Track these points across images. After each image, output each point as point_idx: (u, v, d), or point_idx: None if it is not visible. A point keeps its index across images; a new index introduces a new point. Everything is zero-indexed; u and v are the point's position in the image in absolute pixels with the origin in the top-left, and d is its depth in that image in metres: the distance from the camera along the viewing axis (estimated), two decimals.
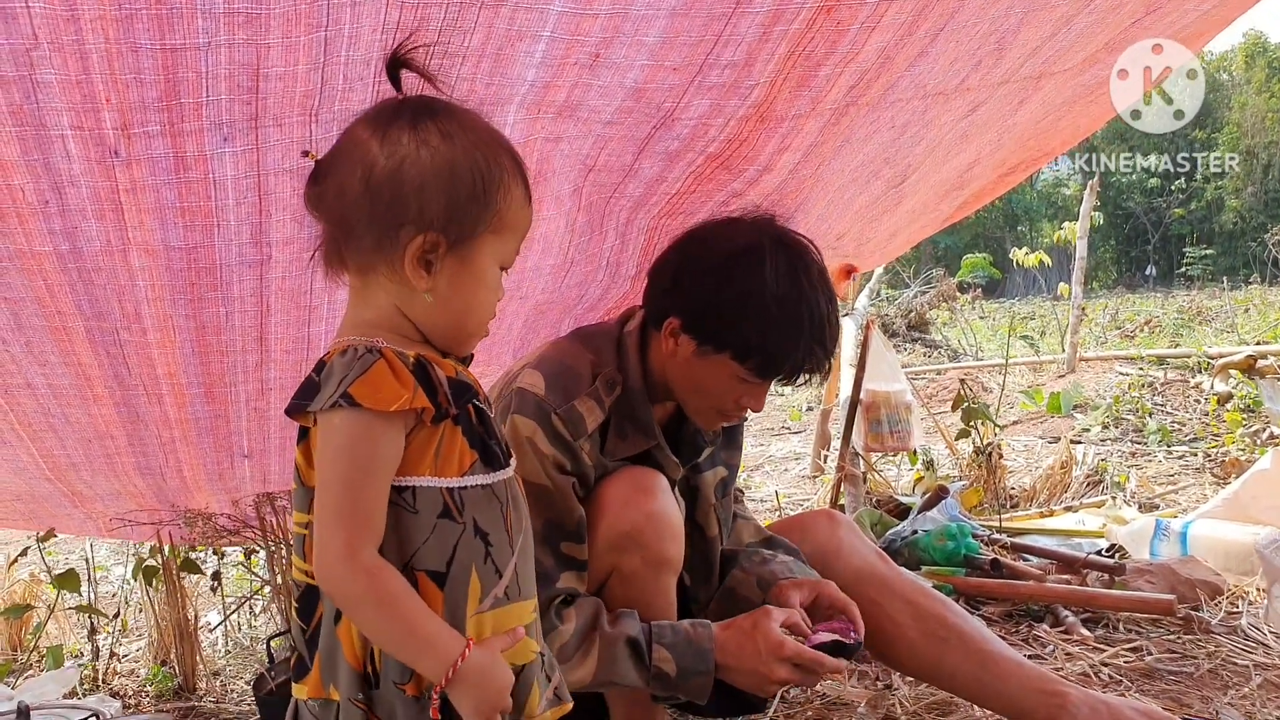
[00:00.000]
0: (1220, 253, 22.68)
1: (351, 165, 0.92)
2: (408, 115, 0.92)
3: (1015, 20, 1.59)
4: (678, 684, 1.42)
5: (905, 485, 3.69)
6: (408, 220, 0.91)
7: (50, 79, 1.12)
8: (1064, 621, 2.19)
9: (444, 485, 0.93)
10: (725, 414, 1.54)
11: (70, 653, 2.55)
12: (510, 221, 0.96)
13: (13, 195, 1.26)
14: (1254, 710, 1.70)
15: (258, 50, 1.15)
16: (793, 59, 1.46)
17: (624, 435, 1.51)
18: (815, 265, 1.46)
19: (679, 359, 1.48)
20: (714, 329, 1.44)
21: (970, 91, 1.80)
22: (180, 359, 1.67)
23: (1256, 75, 24.70)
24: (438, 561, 0.92)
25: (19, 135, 1.18)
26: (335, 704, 0.93)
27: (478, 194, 0.92)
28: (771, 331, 1.41)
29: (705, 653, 1.42)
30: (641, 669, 1.40)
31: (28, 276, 1.42)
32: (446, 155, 0.91)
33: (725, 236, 1.47)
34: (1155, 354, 6.13)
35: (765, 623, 1.42)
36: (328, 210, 0.94)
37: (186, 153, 1.27)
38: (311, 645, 0.96)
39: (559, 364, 1.50)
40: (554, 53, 1.33)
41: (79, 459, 1.91)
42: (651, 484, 1.47)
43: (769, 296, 1.40)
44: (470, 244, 0.94)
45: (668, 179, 1.73)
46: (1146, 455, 4.13)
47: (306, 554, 0.95)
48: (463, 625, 0.93)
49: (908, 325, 9.72)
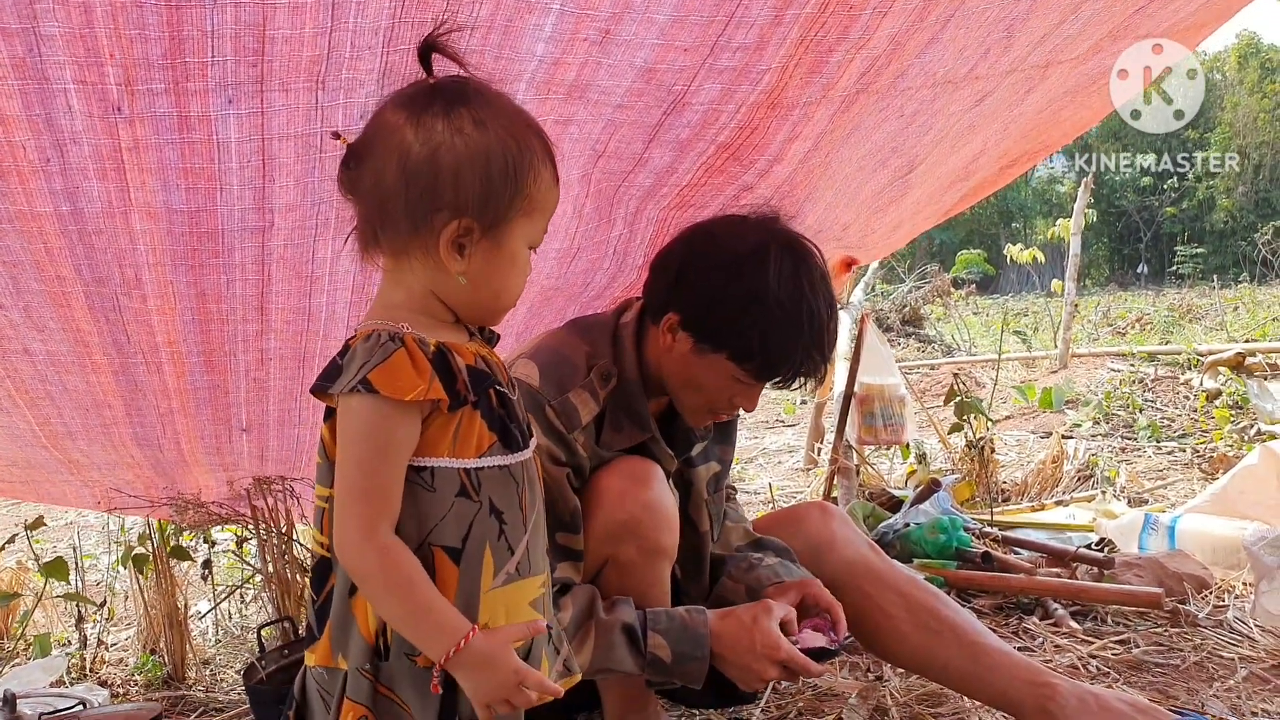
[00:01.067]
0: (1211, 252, 22.76)
1: (387, 151, 0.93)
2: (441, 102, 0.94)
3: (1025, 6, 1.58)
4: (673, 669, 1.42)
5: (898, 478, 3.70)
6: (442, 206, 0.93)
7: (54, 32, 1.10)
8: (1053, 614, 2.20)
9: (461, 466, 0.95)
10: (717, 412, 1.54)
11: (58, 641, 2.54)
12: (540, 203, 0.98)
13: (14, 153, 1.24)
14: (1239, 703, 1.72)
15: (264, 11, 1.13)
16: (804, 44, 1.44)
17: (619, 428, 1.51)
18: (819, 270, 1.46)
19: (675, 354, 1.48)
20: (714, 328, 1.43)
21: (979, 80, 1.79)
22: (180, 326, 1.64)
23: (1249, 76, 24.77)
24: (454, 538, 0.94)
25: (21, 89, 1.16)
26: (342, 672, 0.95)
27: (510, 179, 0.95)
28: (772, 335, 1.41)
29: (701, 638, 1.42)
30: (637, 655, 1.41)
31: (27, 239, 1.39)
32: (480, 142, 0.93)
33: (731, 235, 1.47)
34: (1146, 351, 6.16)
35: (765, 620, 1.42)
36: (363, 195, 0.96)
37: (190, 113, 1.25)
38: (321, 615, 0.98)
39: (554, 355, 1.50)
40: (564, 26, 1.31)
41: (76, 427, 1.90)
42: (647, 474, 1.47)
43: (771, 300, 1.40)
44: (502, 227, 0.96)
45: (678, 170, 1.72)
46: (1136, 451, 4.15)
47: (324, 526, 0.97)
48: (478, 601, 0.95)
49: (902, 320, 9.74)
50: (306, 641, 1.00)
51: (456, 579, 0.94)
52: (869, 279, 5.44)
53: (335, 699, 0.95)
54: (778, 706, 1.81)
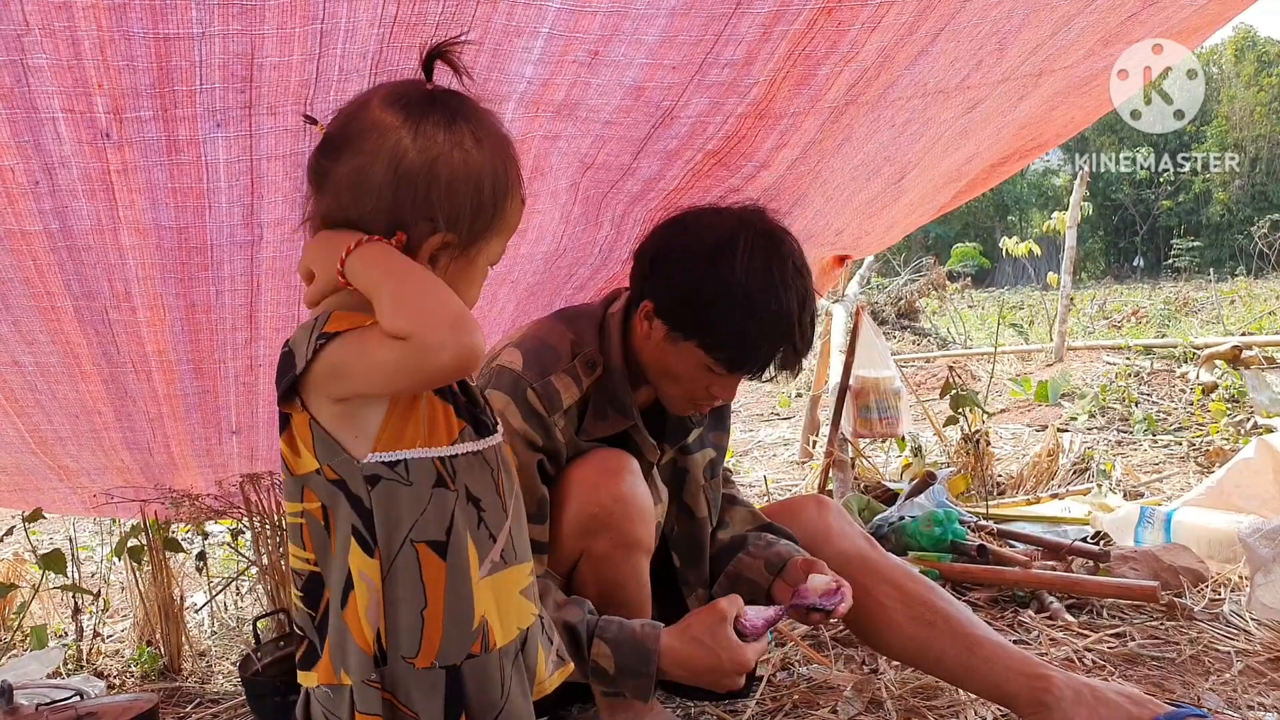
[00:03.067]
0: (1207, 245, 22.81)
1: (376, 149, 0.91)
2: (442, 112, 0.92)
3: (1017, 21, 1.59)
4: (616, 680, 1.39)
5: (893, 471, 3.70)
6: (430, 216, 0.92)
7: (42, 63, 1.13)
8: (1049, 607, 2.20)
9: (435, 454, 0.93)
10: (697, 402, 1.53)
11: (54, 633, 2.54)
12: (509, 226, 0.99)
13: (2, 176, 1.27)
14: (1235, 696, 1.72)
15: (252, 40, 1.16)
16: (792, 58, 1.46)
17: (603, 416, 1.50)
18: (792, 262, 1.43)
19: (652, 342, 1.48)
20: (683, 316, 1.43)
21: (971, 90, 1.80)
22: (170, 336, 1.67)
23: (1245, 69, 24.77)
24: (438, 531, 0.93)
25: (9, 117, 1.19)
26: (347, 688, 0.92)
27: (494, 202, 0.95)
28: (738, 326, 1.40)
29: (647, 654, 1.38)
30: (578, 660, 1.37)
31: (16, 257, 1.42)
32: (477, 162, 0.93)
33: (707, 225, 1.46)
34: (1142, 344, 6.16)
35: (723, 632, 1.37)
36: (336, 187, 0.93)
37: (179, 136, 1.27)
38: (320, 632, 0.95)
39: (538, 341, 1.50)
40: (552, 49, 1.33)
41: (66, 433, 1.91)
42: (619, 465, 1.46)
43: (739, 290, 1.38)
44: (477, 245, 0.96)
45: (666, 176, 1.73)
46: (1132, 444, 4.16)
47: (305, 542, 0.94)
48: (470, 593, 0.93)
49: (897, 313, 9.74)
50: (306, 660, 0.96)
51: (445, 573, 0.92)
52: (864, 272, 5.44)
53: (347, 716, 0.93)
54: (772, 699, 1.82)
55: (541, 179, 1.62)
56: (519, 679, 0.98)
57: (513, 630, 0.98)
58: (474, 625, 0.94)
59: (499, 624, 0.96)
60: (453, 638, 0.93)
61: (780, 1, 1.34)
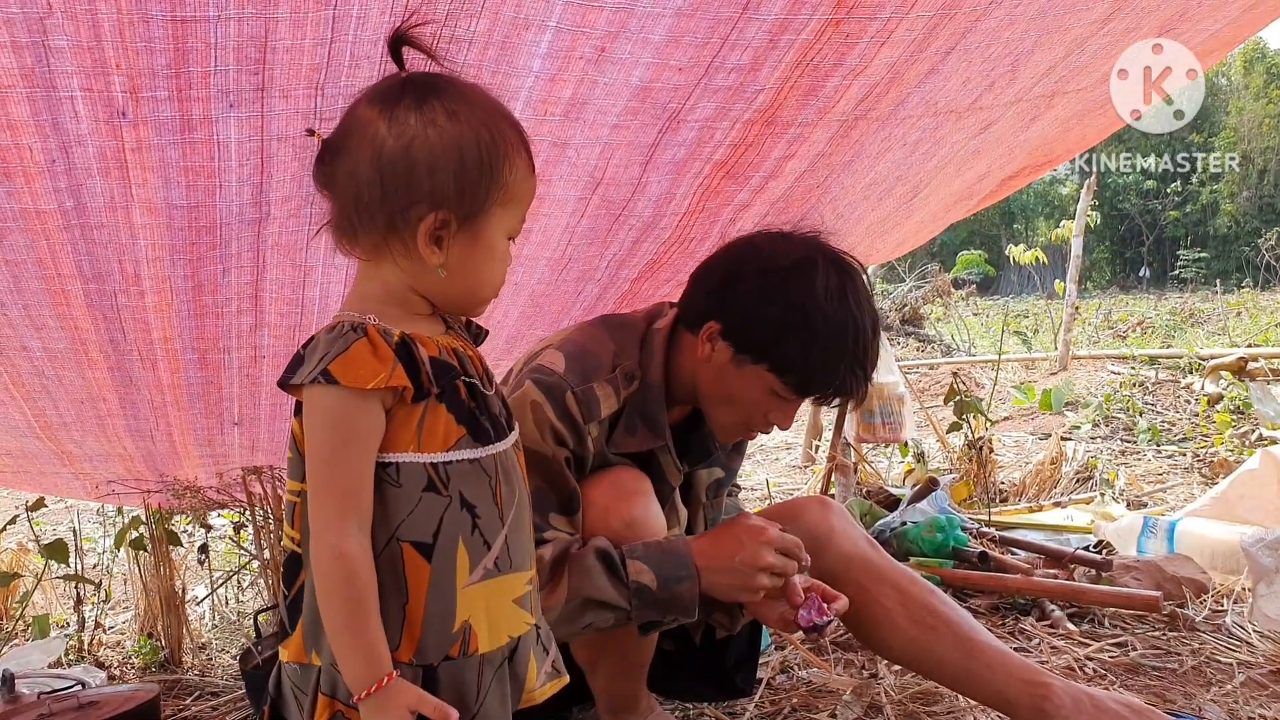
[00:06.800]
0: (1214, 256, 22.76)
1: (360, 146, 0.92)
2: (412, 94, 0.92)
3: (1030, 43, 1.59)
4: (660, 596, 1.36)
5: (896, 477, 3.70)
6: (419, 199, 0.92)
7: (62, 45, 1.15)
8: (1050, 616, 2.20)
9: (428, 460, 0.93)
10: (751, 429, 1.51)
11: (56, 623, 2.55)
12: (516, 193, 0.97)
13: (20, 155, 1.29)
14: (1236, 707, 1.72)
15: (266, 24, 1.18)
16: (800, 67, 1.47)
17: (633, 431, 1.48)
18: (864, 288, 1.44)
19: (713, 365, 1.45)
20: (756, 339, 1.41)
21: (983, 111, 1.81)
22: (176, 322, 1.67)
23: (1255, 81, 24.73)
24: (424, 533, 0.93)
25: (29, 97, 1.21)
26: (315, 668, 0.94)
27: (485, 169, 0.93)
28: (815, 349, 1.38)
29: (683, 557, 1.38)
30: (618, 584, 1.36)
31: (30, 237, 1.43)
32: (453, 133, 0.92)
33: (779, 248, 1.44)
34: (1147, 354, 6.16)
35: (742, 517, 1.44)
36: (339, 190, 0.94)
37: (193, 116, 1.29)
38: (293, 610, 0.96)
39: (581, 348, 1.48)
40: (560, 43, 1.34)
41: (70, 419, 1.92)
42: (633, 489, 1.45)
43: (817, 313, 1.37)
44: (480, 218, 0.95)
45: (676, 195, 1.73)
46: (1136, 454, 4.15)
47: (295, 521, 0.95)
48: (453, 597, 0.93)
49: (902, 319, 9.75)
50: (279, 636, 0.97)
51: (429, 576, 0.92)
52: (869, 278, 5.45)
53: (310, 695, 0.94)
54: (771, 702, 1.82)
55: (546, 186, 1.62)
56: (500, 688, 0.97)
57: (502, 637, 0.97)
58: (454, 628, 0.93)
59: (486, 630, 0.95)
60: (431, 637, 0.93)
61: (787, 10, 1.34)
